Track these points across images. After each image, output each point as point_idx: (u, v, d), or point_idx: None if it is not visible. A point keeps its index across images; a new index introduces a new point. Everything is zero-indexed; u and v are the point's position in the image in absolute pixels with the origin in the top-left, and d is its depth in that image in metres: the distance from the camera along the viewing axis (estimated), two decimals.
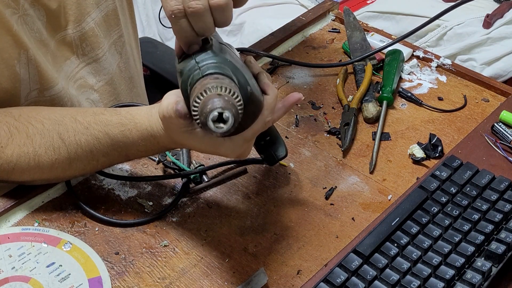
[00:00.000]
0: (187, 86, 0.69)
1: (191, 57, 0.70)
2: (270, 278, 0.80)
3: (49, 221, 0.86)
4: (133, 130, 0.80)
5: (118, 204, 0.88)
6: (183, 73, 0.69)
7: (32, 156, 0.81)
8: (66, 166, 0.82)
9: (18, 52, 0.86)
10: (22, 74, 0.88)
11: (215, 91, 0.64)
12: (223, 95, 0.63)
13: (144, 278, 0.80)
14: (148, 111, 0.80)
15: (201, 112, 0.63)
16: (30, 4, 0.88)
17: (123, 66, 1.08)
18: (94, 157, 0.82)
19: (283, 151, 0.88)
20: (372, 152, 0.97)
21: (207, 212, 0.88)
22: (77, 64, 0.99)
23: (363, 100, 1.05)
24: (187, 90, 0.69)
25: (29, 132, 0.81)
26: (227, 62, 0.69)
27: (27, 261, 0.79)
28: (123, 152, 0.82)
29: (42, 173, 0.83)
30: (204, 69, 0.68)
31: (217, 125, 0.63)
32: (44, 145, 0.81)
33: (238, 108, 0.64)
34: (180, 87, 0.71)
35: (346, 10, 1.25)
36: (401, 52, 1.13)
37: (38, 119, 0.82)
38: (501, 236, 0.81)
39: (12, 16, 0.85)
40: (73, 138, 0.81)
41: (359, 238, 0.84)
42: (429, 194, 0.87)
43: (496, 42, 1.61)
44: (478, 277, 0.76)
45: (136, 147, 0.81)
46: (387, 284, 0.76)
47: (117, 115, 0.81)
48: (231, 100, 0.63)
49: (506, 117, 1.00)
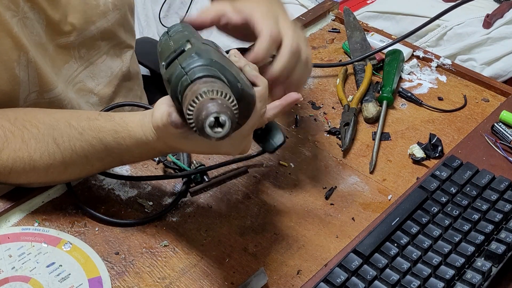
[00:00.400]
0: (177, 94, 0.68)
1: (175, 63, 0.69)
2: (270, 278, 0.80)
3: (49, 221, 0.86)
4: (127, 138, 0.79)
5: (118, 204, 0.88)
6: (171, 81, 0.69)
7: (28, 161, 0.81)
8: (62, 171, 0.82)
9: (18, 54, 0.86)
10: (22, 77, 0.88)
11: (207, 96, 0.63)
12: (216, 98, 0.63)
13: (144, 278, 0.80)
14: (141, 120, 0.79)
15: (197, 119, 0.62)
16: (29, 8, 0.88)
17: (122, 69, 1.08)
18: (89, 162, 0.82)
19: (281, 137, 0.87)
20: (372, 152, 0.97)
21: (207, 212, 0.88)
22: (76, 68, 0.99)
23: (363, 100, 1.05)
24: (178, 98, 0.68)
25: (24, 136, 0.81)
26: (213, 62, 0.68)
27: (27, 261, 0.79)
28: (118, 158, 0.82)
29: (38, 176, 0.83)
30: (192, 74, 0.67)
31: (215, 130, 0.62)
32: (39, 150, 0.80)
33: (233, 109, 0.63)
34: (170, 95, 0.70)
35: (346, 10, 1.25)
36: (401, 52, 1.13)
37: (33, 123, 0.81)
38: (501, 236, 0.81)
39: (12, 19, 0.85)
40: (68, 143, 0.80)
41: (359, 238, 0.84)
42: (429, 194, 0.87)
43: (496, 42, 1.61)
44: (478, 277, 0.76)
45: (131, 153, 0.81)
46: (387, 284, 0.76)
47: (111, 121, 0.80)
48: (225, 102, 0.63)
49: (506, 117, 1.00)
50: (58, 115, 0.84)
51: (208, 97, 0.63)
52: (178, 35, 0.77)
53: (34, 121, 0.82)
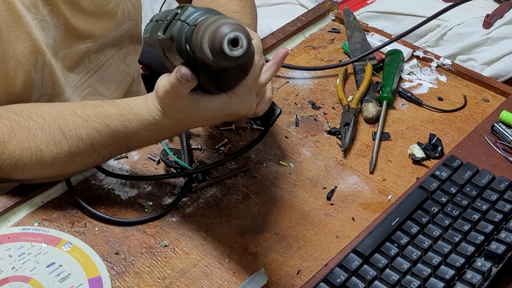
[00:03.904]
0: (182, 46, 0.68)
1: (173, 22, 0.70)
2: (270, 278, 0.80)
3: (49, 221, 0.86)
4: (133, 120, 0.80)
5: (118, 204, 0.88)
6: (174, 36, 0.69)
7: (34, 151, 0.81)
8: (68, 161, 0.82)
9: (36, 57, 0.87)
10: (36, 79, 0.89)
11: (220, 21, 0.63)
12: (229, 21, 0.63)
13: (144, 278, 0.80)
14: (144, 102, 0.80)
15: (213, 45, 0.62)
16: (48, 11, 0.89)
17: (128, 72, 1.10)
18: (95, 149, 0.82)
19: (277, 109, 0.89)
20: (372, 152, 0.97)
21: (207, 212, 0.88)
22: (85, 73, 1.00)
23: (363, 100, 1.05)
24: (184, 50, 0.68)
25: (31, 127, 0.81)
26: (211, 10, 0.69)
27: (27, 261, 0.79)
28: (124, 143, 0.82)
29: (44, 168, 0.83)
30: (194, 20, 0.67)
31: (234, 49, 0.62)
32: (45, 140, 0.81)
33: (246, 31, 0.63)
34: (176, 51, 0.70)
35: (346, 10, 1.24)
36: (401, 52, 1.13)
37: (39, 114, 0.82)
38: (501, 236, 0.81)
39: (32, 21, 0.86)
40: (74, 132, 0.81)
41: (359, 238, 0.84)
42: (429, 194, 0.87)
43: (496, 42, 1.61)
44: (478, 277, 0.76)
45: (138, 136, 0.81)
46: (387, 284, 0.76)
47: (116, 106, 0.81)
48: (239, 23, 0.63)
49: (506, 117, 1.00)
50: (63, 105, 0.85)
51: (221, 22, 0.63)
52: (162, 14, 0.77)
53: (40, 112, 0.82)
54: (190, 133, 0.99)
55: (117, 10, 1.00)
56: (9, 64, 0.85)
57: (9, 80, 0.86)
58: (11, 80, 0.86)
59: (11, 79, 0.86)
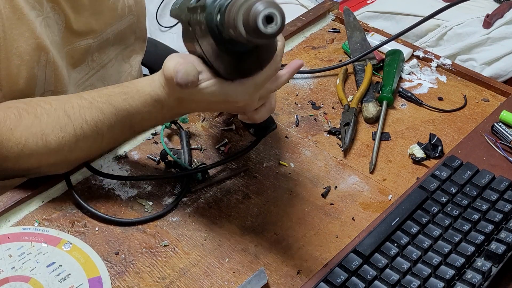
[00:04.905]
0: (213, 17, 0.68)
1: None
2: (270, 278, 0.80)
3: (49, 221, 0.86)
4: (136, 96, 0.81)
5: (118, 204, 0.88)
6: (207, 5, 0.69)
7: (40, 136, 0.82)
8: (73, 145, 0.83)
9: (39, 55, 0.88)
10: (39, 76, 0.90)
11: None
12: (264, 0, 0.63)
13: (144, 278, 0.80)
14: (150, 78, 0.81)
15: (247, 20, 0.62)
16: (51, 8, 0.89)
17: (131, 73, 1.10)
18: (99, 131, 0.83)
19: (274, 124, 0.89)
20: (372, 152, 0.97)
21: (207, 212, 0.88)
22: (87, 71, 1.01)
23: (363, 100, 1.05)
24: (213, 21, 0.68)
25: (37, 112, 0.82)
26: None
27: (27, 261, 0.79)
28: (127, 123, 0.83)
29: (49, 154, 0.83)
30: None
31: (268, 25, 0.62)
32: (51, 124, 0.82)
33: None
34: (204, 23, 0.70)
35: (346, 10, 1.25)
36: (401, 52, 1.13)
37: (46, 101, 0.84)
38: (501, 236, 0.81)
39: (36, 18, 0.86)
40: (78, 113, 0.82)
41: (359, 238, 0.84)
42: (429, 194, 0.87)
43: (496, 42, 1.61)
44: (478, 277, 0.76)
45: (140, 114, 0.82)
46: (387, 284, 0.76)
47: (120, 86, 0.83)
48: (274, 1, 0.63)
49: (506, 117, 1.00)
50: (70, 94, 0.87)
51: None
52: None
53: (49, 99, 0.84)
54: (190, 133, 0.99)
55: (117, 4, 1.00)
56: (13, 61, 0.85)
57: (13, 77, 0.86)
58: (14, 77, 0.86)
59: (15, 76, 0.86)
